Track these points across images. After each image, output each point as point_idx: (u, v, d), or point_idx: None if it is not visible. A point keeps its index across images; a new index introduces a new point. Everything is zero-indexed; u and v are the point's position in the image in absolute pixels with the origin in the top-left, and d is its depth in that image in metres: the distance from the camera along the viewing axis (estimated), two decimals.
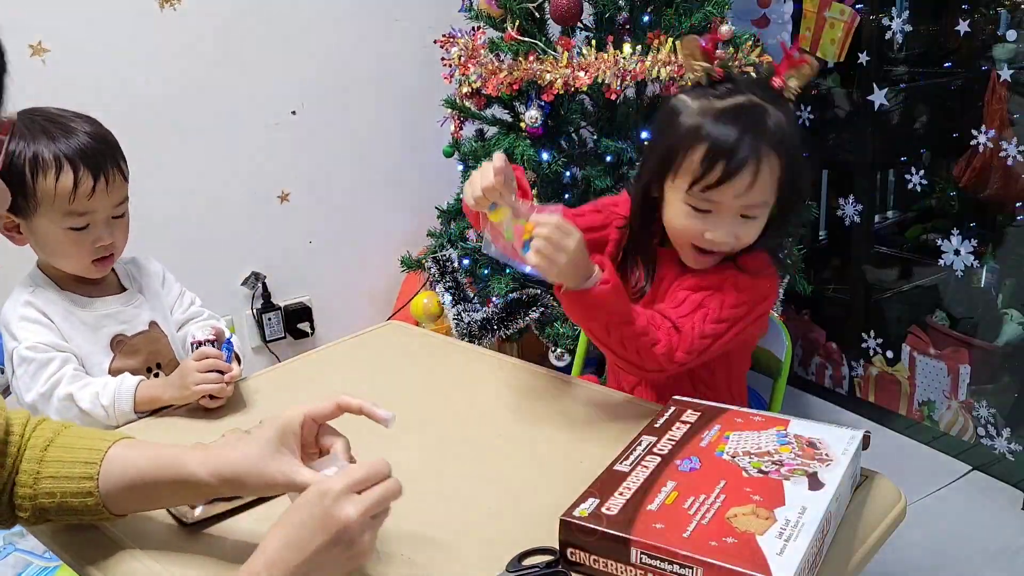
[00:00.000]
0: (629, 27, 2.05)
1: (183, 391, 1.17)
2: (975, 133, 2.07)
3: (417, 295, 2.43)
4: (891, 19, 2.23)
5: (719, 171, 1.09)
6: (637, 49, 1.93)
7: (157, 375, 1.30)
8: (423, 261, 2.30)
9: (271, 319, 2.56)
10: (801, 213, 1.29)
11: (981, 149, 2.08)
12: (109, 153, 1.22)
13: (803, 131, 1.20)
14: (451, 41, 2.13)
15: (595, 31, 2.05)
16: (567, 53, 1.94)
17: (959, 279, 2.18)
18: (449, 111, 2.23)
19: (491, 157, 1.06)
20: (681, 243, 1.19)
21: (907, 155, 2.30)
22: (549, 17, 2.01)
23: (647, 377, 1.17)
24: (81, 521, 0.91)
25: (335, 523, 0.72)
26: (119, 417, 1.18)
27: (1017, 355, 2.16)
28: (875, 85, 2.26)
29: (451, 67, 2.12)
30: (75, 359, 1.23)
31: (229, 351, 1.23)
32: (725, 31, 1.95)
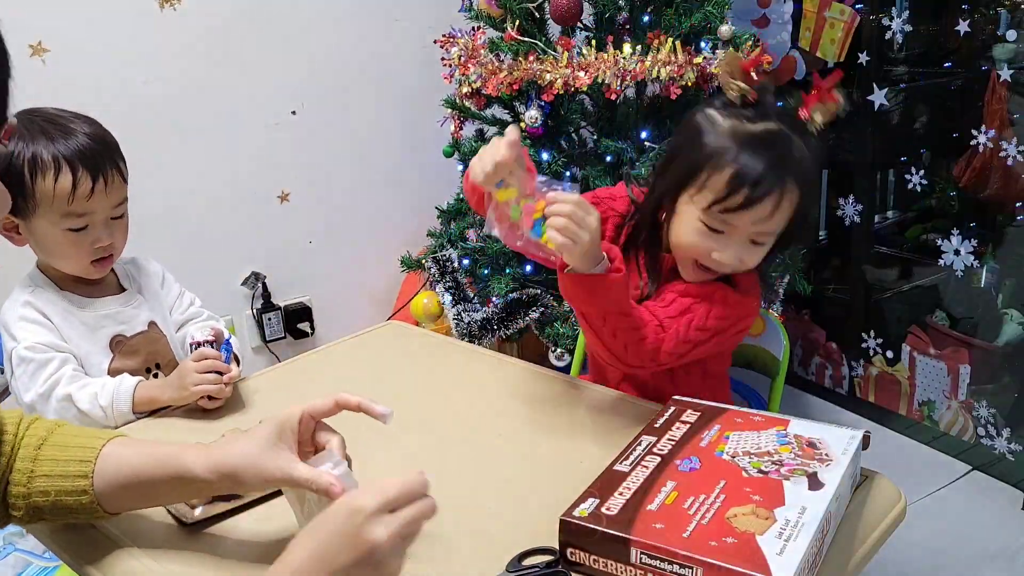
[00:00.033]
0: (629, 27, 2.05)
1: (182, 392, 1.17)
2: (975, 133, 2.07)
3: (417, 295, 2.43)
4: (891, 19, 2.23)
5: (742, 197, 1.08)
6: (637, 49, 1.93)
7: (156, 375, 1.30)
8: (423, 261, 2.29)
9: (271, 319, 2.56)
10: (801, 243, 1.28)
11: (981, 149, 2.08)
12: (108, 154, 1.22)
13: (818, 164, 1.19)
14: (451, 41, 2.13)
15: (595, 31, 2.04)
16: (567, 53, 1.94)
17: (959, 279, 2.18)
18: (449, 111, 2.23)
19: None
20: (683, 257, 1.18)
21: (907, 155, 2.30)
22: (549, 17, 2.02)
23: (627, 371, 1.16)
24: (76, 520, 0.91)
25: (365, 544, 0.70)
26: (117, 418, 1.18)
27: (1017, 355, 2.16)
28: (875, 85, 2.25)
29: (451, 67, 2.12)
30: (74, 359, 1.23)
31: (228, 352, 1.23)
32: (725, 31, 1.95)
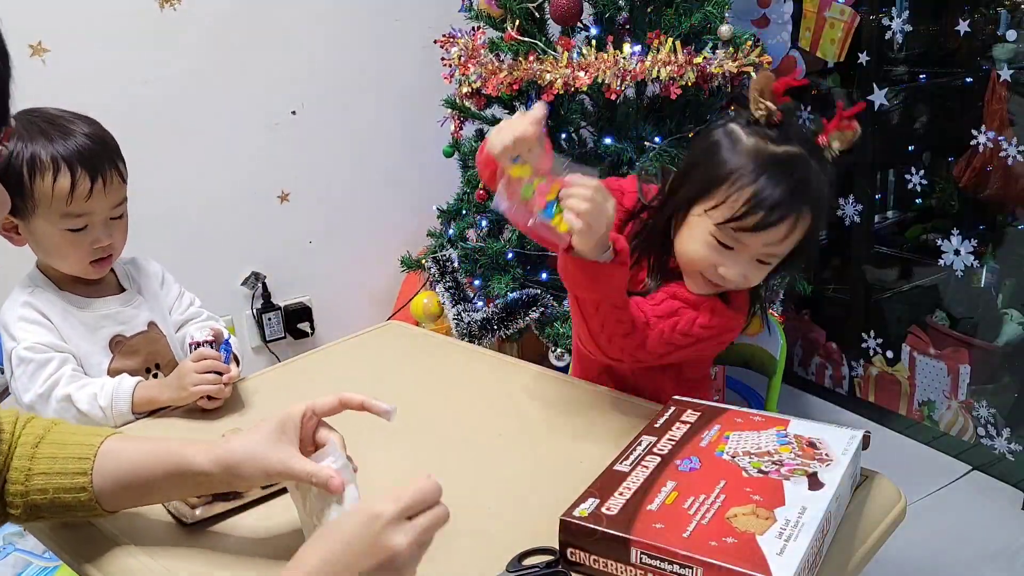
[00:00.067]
0: (629, 27, 2.05)
1: (181, 392, 1.17)
2: (975, 133, 2.07)
3: (417, 295, 2.43)
4: (891, 19, 2.23)
5: (758, 219, 1.07)
6: (637, 49, 1.93)
7: (156, 376, 1.30)
8: (423, 261, 2.29)
9: (271, 319, 2.56)
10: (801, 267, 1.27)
11: (981, 149, 2.08)
12: (107, 154, 1.21)
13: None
14: (451, 41, 2.13)
15: (595, 33, 2.04)
16: (567, 53, 1.94)
17: (959, 279, 2.18)
18: (449, 111, 2.23)
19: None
20: (690, 269, 1.17)
21: (907, 155, 2.30)
22: (549, 17, 2.01)
23: (605, 361, 1.15)
24: (73, 518, 0.91)
25: (384, 551, 0.71)
26: (117, 418, 1.18)
27: (1017, 355, 2.16)
28: (875, 85, 2.25)
29: (451, 67, 2.12)
30: (73, 359, 1.23)
31: (227, 352, 1.22)
32: (725, 31, 1.95)
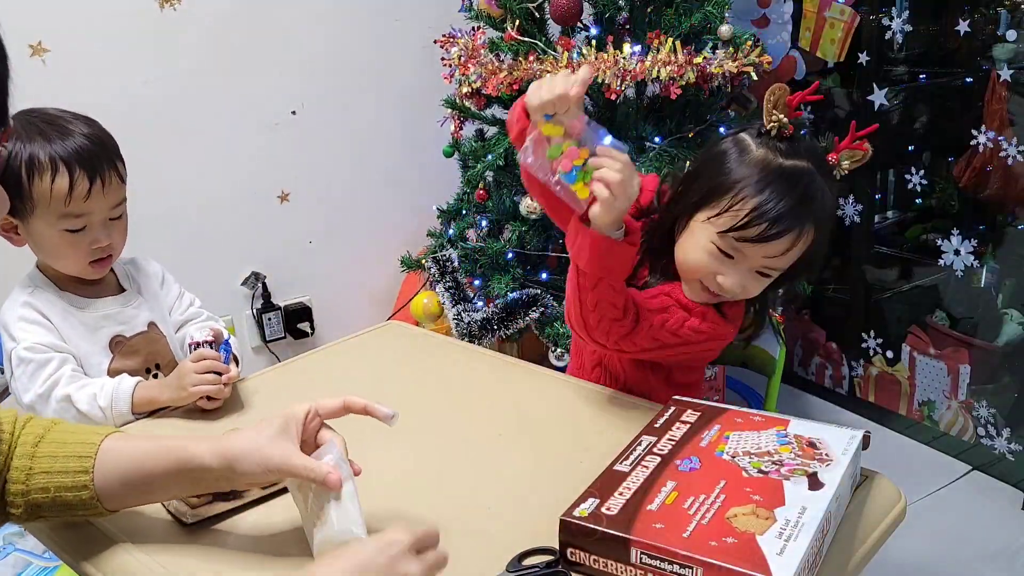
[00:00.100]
0: (629, 27, 2.05)
1: (180, 392, 1.17)
2: (975, 133, 2.07)
3: (417, 295, 2.43)
4: (891, 19, 2.23)
5: (760, 230, 1.07)
6: (637, 49, 1.92)
7: (156, 376, 1.30)
8: (423, 261, 2.30)
9: (271, 319, 2.56)
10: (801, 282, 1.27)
11: (981, 149, 2.08)
12: (106, 155, 1.21)
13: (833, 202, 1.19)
14: (451, 41, 2.13)
15: (595, 33, 2.04)
16: (567, 53, 1.94)
17: (959, 279, 2.18)
18: (449, 111, 2.23)
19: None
20: (689, 276, 1.16)
21: (907, 155, 2.30)
22: (549, 17, 2.01)
23: (588, 343, 1.15)
24: (74, 517, 0.90)
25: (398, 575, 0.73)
26: (117, 418, 1.17)
27: (1017, 355, 2.16)
28: (875, 85, 2.25)
29: (451, 67, 2.12)
30: (73, 360, 1.22)
31: (227, 352, 1.22)
32: (725, 31, 1.95)
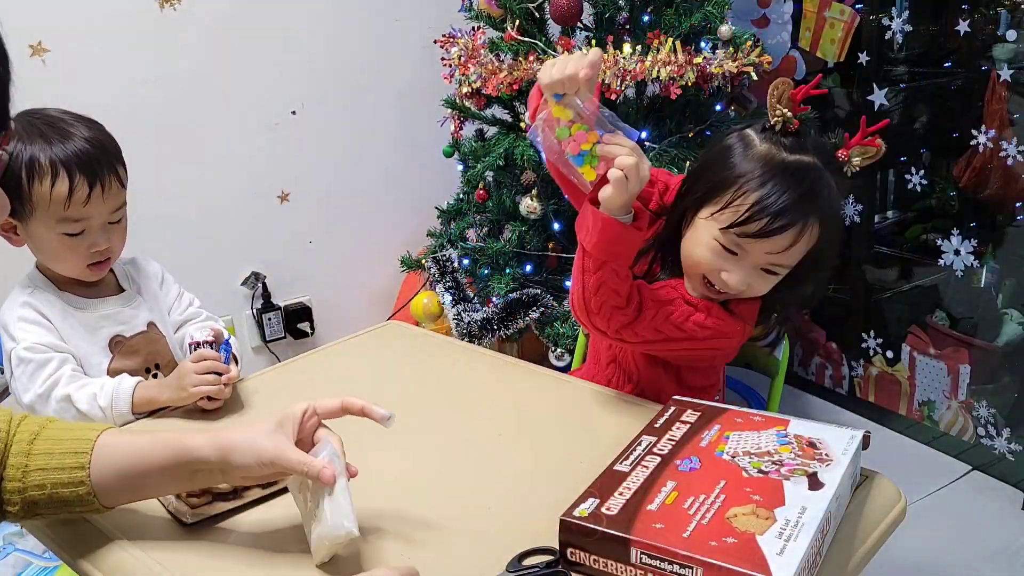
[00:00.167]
0: (629, 27, 2.05)
1: (180, 392, 1.17)
2: (975, 133, 2.07)
3: (417, 295, 2.43)
4: (891, 19, 2.23)
5: (761, 225, 1.06)
6: (637, 49, 1.93)
7: (156, 376, 1.30)
8: (423, 261, 2.30)
9: (271, 319, 2.56)
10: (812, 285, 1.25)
11: (981, 149, 2.08)
12: (106, 160, 1.20)
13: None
14: (451, 41, 2.13)
15: (595, 31, 2.04)
16: (567, 53, 1.94)
17: (959, 279, 2.18)
18: (449, 111, 2.23)
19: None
20: (692, 271, 1.16)
21: (907, 155, 2.30)
22: (549, 17, 2.01)
23: (588, 328, 1.14)
24: (71, 514, 0.91)
25: None
26: (117, 418, 1.17)
27: (1017, 355, 2.16)
28: (875, 85, 2.25)
29: (451, 67, 2.12)
30: (73, 359, 1.23)
31: (227, 352, 1.22)
32: (725, 31, 1.95)
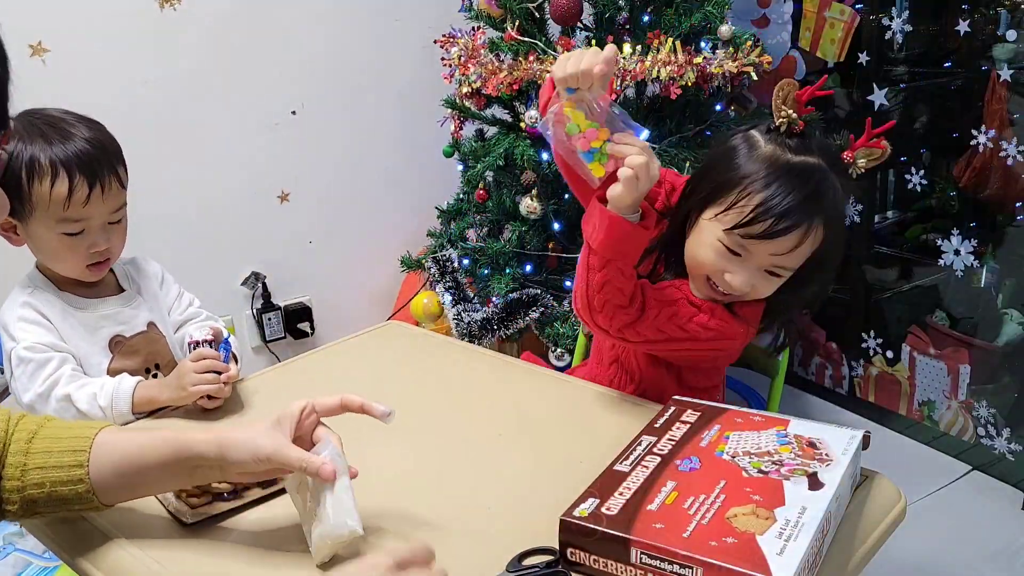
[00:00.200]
0: (629, 27, 2.05)
1: (180, 392, 1.17)
2: (975, 133, 2.07)
3: (417, 295, 2.43)
4: (891, 19, 2.23)
5: (765, 226, 1.06)
6: (637, 49, 1.93)
7: (156, 376, 1.30)
8: (423, 261, 2.30)
9: (271, 319, 2.56)
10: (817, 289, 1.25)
11: (981, 149, 2.08)
12: (107, 160, 1.20)
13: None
14: (451, 41, 2.13)
15: (595, 31, 2.04)
16: (567, 53, 1.94)
17: (959, 279, 2.18)
18: (449, 111, 2.23)
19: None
20: (696, 272, 1.16)
21: (907, 155, 2.29)
22: (549, 17, 2.01)
23: (590, 327, 1.14)
24: (70, 512, 0.91)
25: None
26: (117, 418, 1.17)
27: (1017, 355, 2.16)
28: (875, 85, 2.25)
29: (451, 67, 2.12)
30: (73, 359, 1.23)
31: (227, 351, 1.22)
32: (725, 31, 1.95)
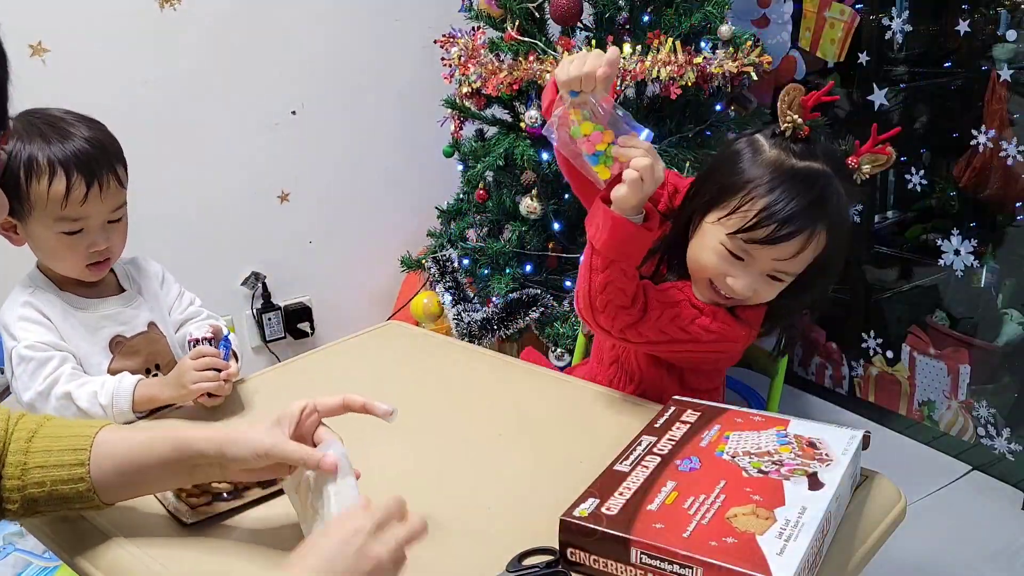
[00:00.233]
0: (629, 27, 2.05)
1: (180, 390, 1.17)
2: (975, 133, 2.07)
3: (417, 295, 2.43)
4: (891, 19, 2.23)
5: (769, 231, 1.06)
6: (637, 49, 1.93)
7: (156, 376, 1.30)
8: (423, 261, 2.30)
9: (271, 319, 2.56)
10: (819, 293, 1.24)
11: (981, 149, 2.08)
12: (105, 159, 1.20)
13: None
14: (451, 41, 2.13)
15: (595, 31, 2.04)
16: (567, 53, 1.94)
17: (959, 279, 2.18)
18: (449, 111, 2.23)
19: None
20: (698, 275, 1.16)
21: (907, 155, 2.29)
22: (549, 17, 2.02)
23: (591, 326, 1.14)
24: (70, 511, 0.91)
25: (368, 562, 0.74)
26: (117, 416, 1.17)
27: (1017, 355, 2.16)
28: (875, 85, 2.25)
29: (451, 67, 2.12)
30: (73, 358, 1.23)
31: (227, 349, 1.22)
32: (725, 31, 1.95)
